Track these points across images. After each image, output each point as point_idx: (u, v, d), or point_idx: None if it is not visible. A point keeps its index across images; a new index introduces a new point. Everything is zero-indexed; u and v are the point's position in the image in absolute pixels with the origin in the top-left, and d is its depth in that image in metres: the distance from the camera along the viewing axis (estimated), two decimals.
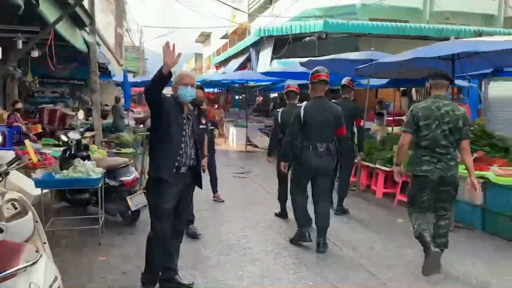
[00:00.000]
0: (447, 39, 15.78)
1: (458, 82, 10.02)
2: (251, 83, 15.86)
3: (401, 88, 15.03)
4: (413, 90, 16.67)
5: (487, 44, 5.42)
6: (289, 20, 17.92)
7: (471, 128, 7.27)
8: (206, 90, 16.54)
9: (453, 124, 4.07)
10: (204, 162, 4.94)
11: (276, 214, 6.20)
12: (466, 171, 4.27)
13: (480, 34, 15.83)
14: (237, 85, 16.97)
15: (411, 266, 4.38)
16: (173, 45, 3.13)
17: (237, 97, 22.26)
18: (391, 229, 5.74)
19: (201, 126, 5.06)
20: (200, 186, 3.80)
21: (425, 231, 4.10)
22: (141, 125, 15.04)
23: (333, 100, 5.64)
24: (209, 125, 5.92)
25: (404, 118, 5.28)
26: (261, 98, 21.64)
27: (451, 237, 4.44)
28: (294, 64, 13.82)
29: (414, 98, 17.93)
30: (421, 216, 4.21)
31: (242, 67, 19.28)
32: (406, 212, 4.43)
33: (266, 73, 12.37)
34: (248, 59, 18.57)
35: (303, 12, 18.32)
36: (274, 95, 19.02)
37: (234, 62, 20.68)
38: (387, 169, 7.25)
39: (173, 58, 3.12)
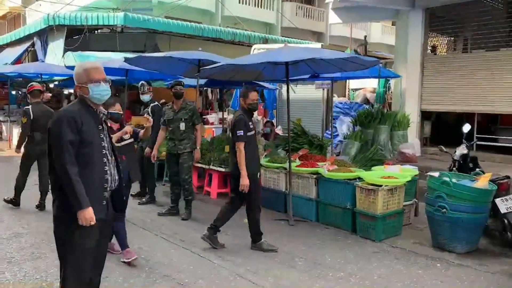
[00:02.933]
0: (241, 43, 17.12)
1: (266, 85, 10.88)
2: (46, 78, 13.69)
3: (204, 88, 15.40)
4: (209, 90, 17.40)
5: (321, 52, 5.97)
6: (80, 9, 16.20)
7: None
8: None
9: None
10: None
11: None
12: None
13: (266, 40, 17.69)
14: (21, 79, 14.40)
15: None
16: None
17: (13, 92, 18.91)
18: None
19: None
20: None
21: None
22: None
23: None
24: None
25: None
26: (49, 94, 18.87)
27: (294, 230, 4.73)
28: (92, 58, 12.63)
29: (210, 98, 18.79)
30: None
31: (19, 60, 16.48)
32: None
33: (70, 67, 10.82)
34: (28, 50, 16.02)
35: (95, 3, 16.86)
36: (70, 90, 16.89)
37: (8, 52, 17.48)
38: (223, 170, 7.28)
39: None
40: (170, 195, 6.45)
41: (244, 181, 4.73)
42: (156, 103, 6.76)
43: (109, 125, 4.40)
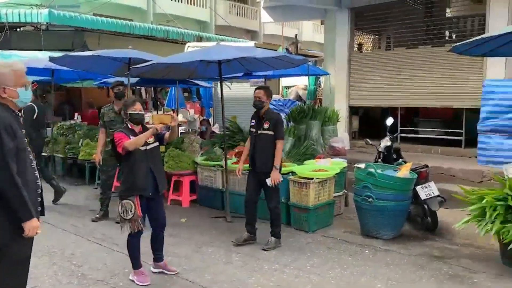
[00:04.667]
0: (174, 40, 16.88)
1: (202, 83, 10.86)
2: None
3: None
4: (142, 89, 17.02)
5: (253, 51, 6.09)
6: (0, 5, 15.13)
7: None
8: None
9: None
10: None
11: None
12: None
13: (200, 38, 17.60)
14: None
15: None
16: None
17: None
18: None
19: None
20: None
21: None
22: None
23: None
24: None
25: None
26: None
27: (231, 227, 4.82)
28: (14, 57, 11.87)
29: (143, 97, 18.37)
30: None
31: None
32: (184, 211, 4.54)
33: None
34: None
35: None
36: None
37: None
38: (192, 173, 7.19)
39: None
40: (102, 199, 6.27)
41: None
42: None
43: (129, 127, 4.13)
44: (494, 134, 7.15)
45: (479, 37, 4.42)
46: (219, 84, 6.71)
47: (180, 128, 12.06)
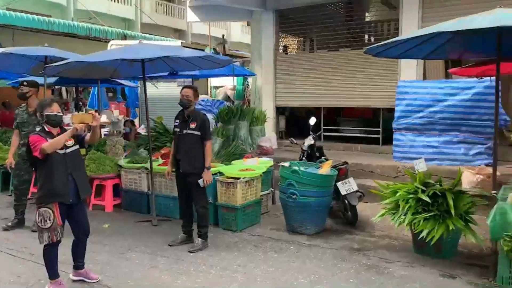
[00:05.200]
0: (97, 38, 16.19)
1: (127, 82, 10.51)
2: None
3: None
4: (63, 88, 16.15)
5: (178, 50, 6.02)
6: None
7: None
8: None
9: None
10: None
11: None
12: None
13: (125, 36, 17.04)
14: None
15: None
16: None
17: None
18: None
19: None
20: None
21: None
22: None
23: None
24: None
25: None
26: None
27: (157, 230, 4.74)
28: None
29: (64, 97, 17.43)
30: None
31: None
32: (108, 217, 4.40)
33: None
34: None
35: None
36: None
37: None
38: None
39: None
40: (16, 206, 5.85)
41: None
42: None
43: (47, 129, 3.82)
44: (407, 132, 7.66)
45: (390, 40, 4.71)
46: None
47: (103, 129, 11.61)
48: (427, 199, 4.46)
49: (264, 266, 4.51)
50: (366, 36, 10.87)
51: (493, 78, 5.36)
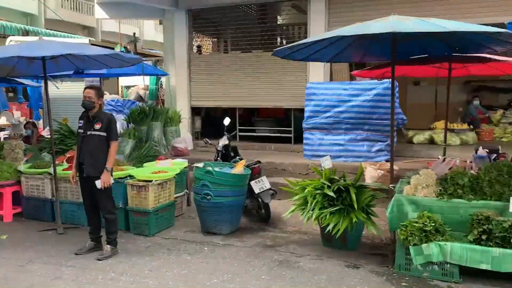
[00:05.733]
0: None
1: (28, 81, 9.75)
2: None
3: None
4: None
5: (83, 48, 5.72)
6: None
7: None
8: None
9: None
10: None
11: None
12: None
13: (27, 32, 15.80)
14: None
15: None
16: None
17: None
18: None
19: None
20: None
21: None
22: None
23: None
24: None
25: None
26: None
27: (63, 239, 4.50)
28: None
29: None
30: None
31: None
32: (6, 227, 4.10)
33: None
34: None
35: None
36: None
37: None
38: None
39: None
40: None
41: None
42: None
43: None
44: (316, 131, 8.02)
45: (296, 43, 4.88)
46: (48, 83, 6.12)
47: (3, 132, 10.67)
48: (332, 194, 4.70)
49: (177, 269, 4.44)
50: (278, 39, 11.19)
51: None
